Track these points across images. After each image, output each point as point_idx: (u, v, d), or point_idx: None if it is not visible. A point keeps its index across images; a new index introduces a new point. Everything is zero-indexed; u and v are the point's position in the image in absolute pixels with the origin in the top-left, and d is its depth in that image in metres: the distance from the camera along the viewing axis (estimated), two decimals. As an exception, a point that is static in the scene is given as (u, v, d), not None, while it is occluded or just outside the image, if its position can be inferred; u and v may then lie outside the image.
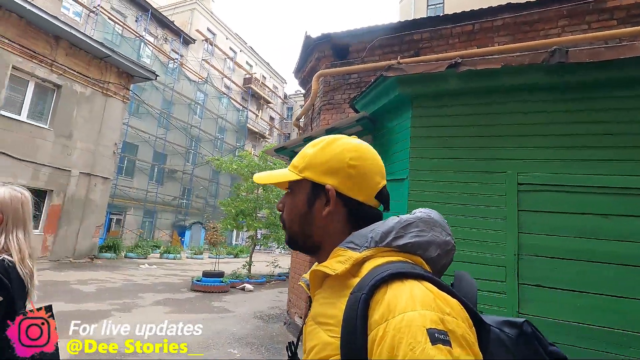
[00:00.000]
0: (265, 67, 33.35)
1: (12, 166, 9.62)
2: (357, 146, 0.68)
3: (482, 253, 2.59)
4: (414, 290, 0.49)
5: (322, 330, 0.57)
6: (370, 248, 0.58)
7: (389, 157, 3.39)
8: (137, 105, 19.34)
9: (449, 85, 2.84)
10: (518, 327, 0.57)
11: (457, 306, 0.50)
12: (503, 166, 2.65)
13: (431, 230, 0.62)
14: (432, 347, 0.43)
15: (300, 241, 0.69)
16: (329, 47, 5.22)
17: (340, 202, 0.65)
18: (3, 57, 9.40)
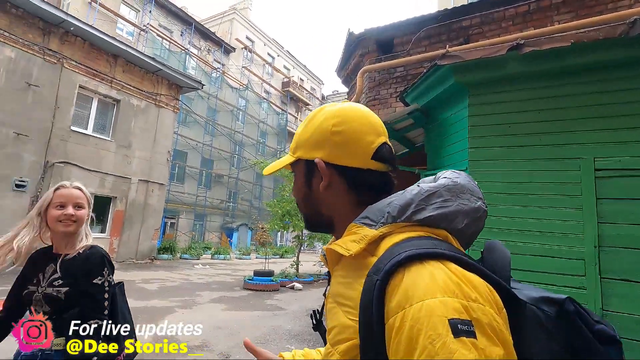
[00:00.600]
0: (303, 70, 33.79)
1: (83, 176, 10.58)
2: (339, 110, 0.63)
3: (556, 246, 2.42)
4: (434, 274, 0.44)
5: (342, 311, 0.54)
6: (387, 224, 0.53)
7: (445, 149, 3.28)
8: (186, 114, 20.46)
9: (510, 69, 2.69)
10: (559, 304, 0.51)
11: (485, 288, 0.45)
12: (577, 151, 2.46)
13: (457, 198, 0.56)
14: (455, 341, 0.39)
15: (314, 221, 0.67)
16: (373, 42, 5.16)
17: (335, 172, 0.61)
18: (71, 78, 10.39)
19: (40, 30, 9.69)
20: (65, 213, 1.40)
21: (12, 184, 9.06)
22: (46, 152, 9.76)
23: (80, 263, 1.41)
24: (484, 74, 2.78)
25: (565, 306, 0.51)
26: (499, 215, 2.63)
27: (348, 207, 0.61)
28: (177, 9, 21.02)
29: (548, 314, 0.50)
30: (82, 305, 1.36)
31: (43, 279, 1.39)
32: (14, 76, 9.19)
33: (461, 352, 0.39)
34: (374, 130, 0.62)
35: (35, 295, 1.36)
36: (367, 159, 0.60)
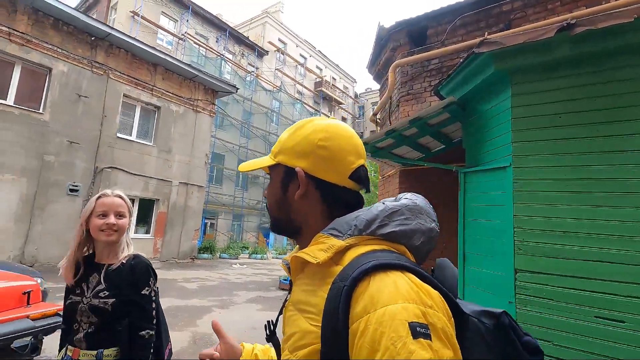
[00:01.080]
0: (335, 69, 33.67)
1: (128, 180, 11.21)
2: (328, 126, 0.66)
3: (616, 250, 2.13)
4: (397, 283, 0.48)
5: (303, 317, 0.56)
6: (353, 236, 0.57)
7: (484, 145, 3.03)
8: (222, 118, 21.10)
9: (559, 53, 2.41)
10: (496, 317, 0.57)
11: (438, 298, 0.50)
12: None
13: (416, 217, 0.61)
14: (414, 342, 0.43)
15: (282, 225, 0.69)
16: (405, 35, 4.94)
17: (312, 184, 0.64)
18: (116, 88, 11.03)
19: (88, 44, 10.38)
20: (107, 222, 1.39)
21: (66, 189, 9.78)
22: (95, 159, 10.44)
23: (125, 274, 1.40)
24: (529, 60, 2.52)
25: (501, 319, 0.56)
26: (548, 217, 2.37)
27: (319, 218, 0.64)
28: (212, 16, 21.73)
29: (487, 326, 0.55)
30: (132, 316, 1.37)
31: (87, 289, 1.38)
32: (66, 89, 9.92)
33: (419, 352, 0.42)
34: (356, 152, 0.66)
35: (80, 305, 1.36)
36: (345, 177, 0.64)
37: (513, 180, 2.54)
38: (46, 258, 9.26)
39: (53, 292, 6.53)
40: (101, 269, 1.41)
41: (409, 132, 3.62)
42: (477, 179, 3.07)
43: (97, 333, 1.33)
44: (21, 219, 8.93)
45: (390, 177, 5.45)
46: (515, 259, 2.46)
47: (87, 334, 1.34)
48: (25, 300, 2.15)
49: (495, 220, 2.74)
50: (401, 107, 4.94)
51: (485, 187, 2.93)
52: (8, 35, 8.83)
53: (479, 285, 2.92)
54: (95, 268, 1.43)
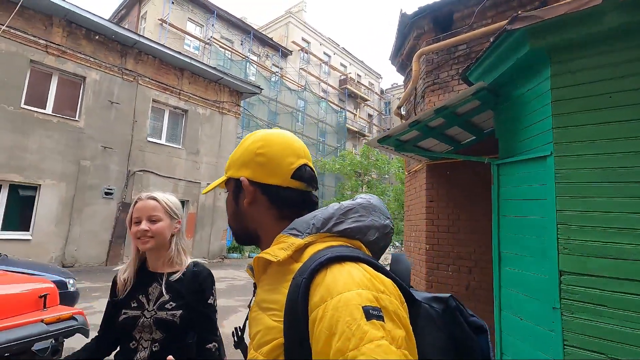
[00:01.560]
0: (360, 66, 33.23)
1: (159, 182, 11.55)
2: (264, 135, 0.71)
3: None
4: (351, 272, 0.52)
5: (266, 315, 0.58)
6: (311, 234, 0.60)
7: (520, 133, 2.74)
8: (248, 119, 21.37)
9: (607, 24, 2.10)
10: (444, 301, 0.60)
11: (391, 285, 0.54)
12: None
13: (370, 215, 0.64)
14: (367, 323, 0.46)
15: (242, 235, 0.72)
16: (429, 21, 4.66)
17: (258, 190, 0.68)
18: (145, 93, 11.39)
19: (118, 52, 10.77)
20: (139, 229, 1.25)
21: (102, 192, 10.21)
22: (128, 162, 10.83)
23: (188, 283, 1.28)
24: (571, 34, 2.22)
25: (449, 302, 0.61)
26: (597, 211, 2.07)
27: (271, 221, 0.68)
28: (236, 19, 22.06)
29: (437, 310, 0.60)
30: (199, 328, 1.26)
31: (148, 302, 1.24)
32: (100, 96, 10.35)
33: (372, 332, 0.45)
34: (294, 153, 0.70)
35: (141, 320, 1.21)
36: (287, 177, 0.68)
37: (555, 170, 2.26)
38: (85, 258, 9.73)
39: (89, 291, 6.80)
40: (160, 279, 1.28)
41: (435, 122, 3.37)
42: (513, 171, 2.79)
43: (163, 351, 1.17)
44: (61, 221, 9.41)
45: (417, 172, 5.18)
46: (560, 260, 2.18)
47: (153, 352, 1.18)
48: (41, 304, 2.15)
49: (535, 216, 2.46)
50: (427, 98, 4.66)
51: (522, 180, 2.65)
52: (45, 48, 9.32)
53: (517, 288, 2.65)
54: (152, 278, 1.29)
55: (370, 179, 18.90)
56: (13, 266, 3.95)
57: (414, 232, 5.26)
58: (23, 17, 8.95)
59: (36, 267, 4.30)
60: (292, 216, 0.66)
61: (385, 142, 3.71)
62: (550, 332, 2.21)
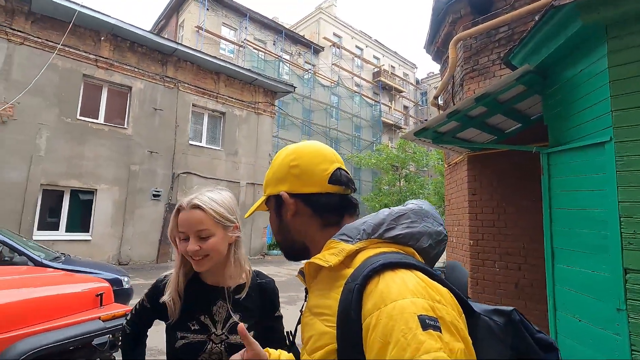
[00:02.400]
0: (393, 57, 32.45)
1: (201, 183, 12.03)
2: (295, 148, 0.73)
3: None
4: (405, 279, 0.51)
5: (319, 320, 0.58)
6: (362, 240, 0.60)
7: (573, 118, 2.51)
8: (283, 118, 21.68)
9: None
10: (506, 315, 0.57)
11: (447, 294, 0.52)
12: None
13: (422, 221, 0.63)
14: (423, 333, 0.44)
15: (290, 250, 0.72)
16: (465, 4, 4.40)
17: (299, 201, 0.68)
18: (185, 99, 11.92)
19: (159, 61, 11.35)
20: (189, 250, 1.01)
21: (150, 195, 10.86)
22: (172, 165, 11.42)
23: (256, 298, 1.11)
24: (632, 4, 1.98)
25: (512, 316, 0.57)
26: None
27: (316, 230, 0.68)
28: (269, 20, 22.40)
29: (498, 323, 0.56)
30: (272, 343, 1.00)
31: (214, 324, 1.04)
32: (144, 104, 10.98)
33: (429, 343, 0.44)
34: (326, 159, 0.71)
35: (208, 346, 1.02)
36: (324, 184, 0.68)
37: (616, 158, 2.04)
38: (138, 256, 10.43)
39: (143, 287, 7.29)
40: (225, 296, 1.07)
41: (476, 111, 3.19)
42: (565, 159, 2.56)
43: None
44: (116, 223, 10.14)
45: (458, 164, 4.95)
46: (624, 256, 1.97)
47: None
48: (98, 302, 2.33)
49: (592, 208, 2.24)
50: (465, 86, 4.43)
51: (576, 169, 2.43)
52: (95, 62, 10.04)
53: (573, 287, 2.44)
54: (215, 295, 1.07)
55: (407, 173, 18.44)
56: (75, 265, 4.31)
57: (456, 227, 5.04)
58: (75, 35, 9.69)
59: (95, 266, 4.66)
60: (336, 222, 0.67)
61: (423, 135, 3.58)
62: (615, 335, 2.01)
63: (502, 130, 3.78)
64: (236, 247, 1.10)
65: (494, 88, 2.82)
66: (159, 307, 1.08)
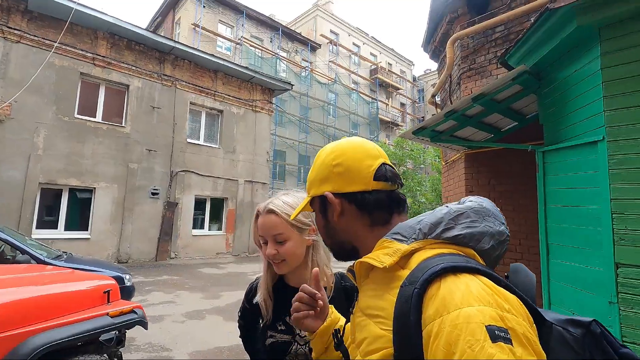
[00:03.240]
0: (390, 54, 32.47)
1: (199, 181, 12.09)
2: (335, 146, 0.70)
3: None
4: (469, 285, 0.47)
5: (373, 322, 0.56)
6: (418, 240, 0.57)
7: (567, 118, 2.58)
8: (280, 115, 21.69)
9: (666, -7, 1.92)
10: (584, 326, 0.51)
11: (517, 302, 0.48)
12: None
13: (484, 220, 0.59)
14: (493, 345, 0.41)
15: (339, 250, 0.71)
16: (463, 3, 4.46)
17: (344, 201, 0.66)
18: (183, 97, 11.91)
19: (157, 59, 11.32)
20: (267, 253, 1.05)
21: (148, 192, 10.87)
22: (170, 163, 11.42)
23: (340, 301, 1.08)
24: (624, 7, 2.05)
25: (591, 328, 0.51)
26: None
27: (364, 229, 0.66)
28: (265, 17, 22.34)
29: (574, 334, 0.51)
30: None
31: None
32: (142, 102, 10.96)
33: (500, 357, 0.40)
34: (370, 155, 0.67)
35: (294, 347, 1.04)
36: (369, 181, 0.65)
37: (608, 156, 2.12)
38: (137, 254, 10.45)
39: (143, 285, 7.32)
40: None
41: (473, 111, 3.25)
42: (560, 158, 2.64)
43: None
44: (115, 221, 10.16)
45: (455, 162, 5.03)
46: (616, 251, 2.05)
47: None
48: (105, 299, 2.38)
49: (586, 205, 2.32)
50: (463, 85, 4.49)
51: (571, 167, 2.50)
52: (92, 60, 10.00)
53: (568, 282, 2.52)
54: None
55: (405, 170, 18.54)
56: (77, 264, 4.35)
57: (453, 223, 5.12)
58: (72, 33, 9.65)
59: (96, 264, 4.70)
60: (385, 220, 0.64)
61: (421, 134, 3.64)
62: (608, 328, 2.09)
63: (498, 129, 3.86)
64: (314, 250, 1.10)
65: (491, 88, 2.89)
66: (255, 307, 1.12)
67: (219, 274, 9.31)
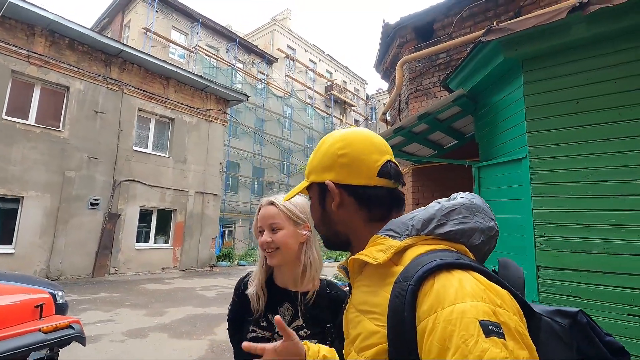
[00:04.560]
0: (345, 72, 33.63)
1: (145, 192, 11.44)
2: (343, 135, 0.68)
3: (650, 241, 1.97)
4: (463, 281, 0.48)
5: (367, 318, 0.56)
6: (411, 236, 0.57)
7: (498, 137, 2.91)
8: (235, 126, 21.36)
9: (573, 35, 2.28)
10: (571, 316, 0.54)
11: (508, 297, 0.49)
12: (670, 124, 1.99)
13: (474, 216, 0.60)
14: (486, 340, 0.42)
15: (332, 240, 0.70)
16: (411, 30, 4.85)
17: (345, 192, 0.65)
18: (131, 102, 11.31)
19: (102, 62, 10.70)
20: (262, 240, 1.10)
21: (87, 203, 10.05)
22: (114, 172, 10.70)
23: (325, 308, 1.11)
24: (541, 44, 2.39)
25: (578, 318, 0.54)
26: (569, 209, 2.23)
27: (361, 223, 0.65)
28: (222, 27, 22.12)
29: (562, 325, 0.53)
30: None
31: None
32: (84, 106, 10.23)
33: (493, 351, 0.41)
34: (377, 150, 0.66)
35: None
36: (372, 176, 0.64)
37: (530, 172, 2.42)
38: (71, 270, 9.53)
39: (77, 303, 6.69)
40: (292, 299, 1.11)
41: (419, 128, 3.52)
42: (492, 172, 2.94)
43: None
44: (46, 233, 9.22)
45: (404, 175, 5.34)
46: (537, 255, 2.33)
47: None
48: (37, 314, 2.17)
49: (514, 215, 2.61)
50: (410, 104, 4.83)
51: (501, 181, 2.81)
52: (27, 58, 9.19)
53: (499, 285, 2.78)
54: (283, 296, 1.13)
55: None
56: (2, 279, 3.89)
57: (401, 234, 5.39)
58: (4, 27, 8.82)
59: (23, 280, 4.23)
60: (383, 217, 0.64)
61: (372, 148, 3.83)
62: (531, 324, 2.34)
63: (441, 146, 4.19)
64: (307, 247, 1.13)
65: (434, 108, 3.16)
66: (245, 300, 1.15)
67: (164, 289, 8.79)
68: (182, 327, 5.59)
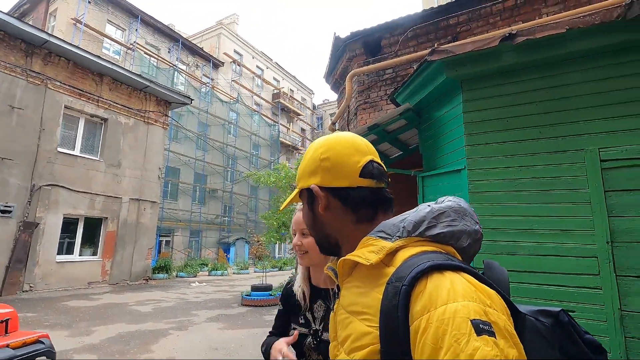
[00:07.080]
0: (292, 81, 33.90)
1: (71, 198, 10.32)
2: (326, 140, 0.71)
3: (566, 244, 2.27)
4: (454, 282, 0.49)
5: (358, 320, 0.57)
6: (402, 238, 0.58)
7: (440, 149, 3.14)
8: (176, 130, 20.29)
9: (504, 61, 2.57)
10: (554, 315, 0.57)
11: (496, 297, 0.51)
12: (580, 143, 2.34)
13: (462, 219, 0.61)
14: (478, 338, 0.43)
15: (324, 244, 0.72)
16: (360, 45, 5.07)
17: (329, 195, 0.67)
18: (56, 99, 10.20)
19: (22, 52, 9.54)
20: (294, 243, 1.20)
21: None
22: (32, 175, 9.50)
23: None
24: (477, 67, 2.66)
25: (560, 317, 0.56)
26: (502, 215, 2.48)
27: (349, 225, 0.67)
28: (164, 26, 21.02)
29: (545, 324, 0.55)
30: None
31: (314, 320, 1.18)
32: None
33: (484, 349, 0.43)
34: (359, 151, 0.68)
35: (308, 340, 1.15)
36: (355, 177, 0.66)
37: (468, 182, 2.64)
38: (-28, 289, 8.19)
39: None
40: (325, 296, 1.20)
41: (369, 139, 3.67)
42: (435, 182, 3.17)
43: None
44: (-60, 247, 7.84)
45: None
46: (475, 260, 2.54)
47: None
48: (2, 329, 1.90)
49: (454, 221, 2.83)
50: (359, 116, 5.03)
51: (442, 190, 3.03)
52: None
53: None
54: (317, 294, 1.21)
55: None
56: None
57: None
58: None
59: None
60: (370, 217, 0.66)
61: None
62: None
63: (388, 157, 4.41)
64: None
65: (383, 120, 3.33)
66: (291, 306, 1.25)
67: (90, 306, 7.94)
68: (113, 346, 5.08)
